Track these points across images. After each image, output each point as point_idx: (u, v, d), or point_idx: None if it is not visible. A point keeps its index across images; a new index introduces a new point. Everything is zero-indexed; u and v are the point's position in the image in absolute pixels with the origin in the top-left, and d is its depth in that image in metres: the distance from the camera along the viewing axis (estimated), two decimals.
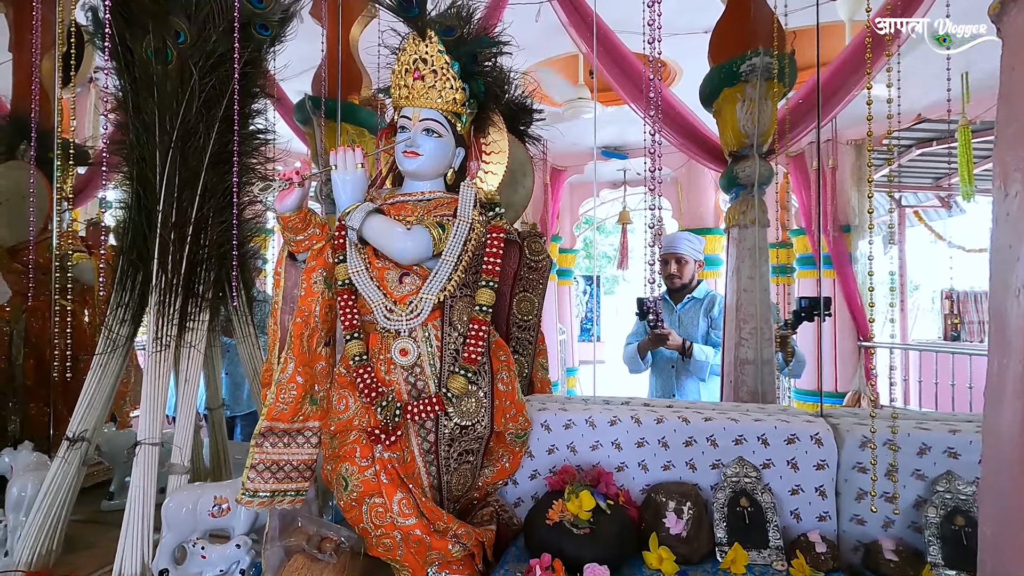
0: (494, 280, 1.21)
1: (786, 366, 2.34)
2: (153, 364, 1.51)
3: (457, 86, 1.22)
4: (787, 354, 2.30)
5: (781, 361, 2.33)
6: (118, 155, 1.69)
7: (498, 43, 1.29)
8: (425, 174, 1.26)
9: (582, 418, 1.34)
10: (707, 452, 1.26)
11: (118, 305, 1.59)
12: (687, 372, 2.61)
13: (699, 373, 2.57)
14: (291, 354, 1.23)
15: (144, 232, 1.60)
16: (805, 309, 2.12)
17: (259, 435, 1.22)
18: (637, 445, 1.30)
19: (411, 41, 1.21)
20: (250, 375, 1.81)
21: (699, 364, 2.55)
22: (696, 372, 2.57)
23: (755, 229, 2.07)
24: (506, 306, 1.40)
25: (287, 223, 1.23)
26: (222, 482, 1.47)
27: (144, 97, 1.58)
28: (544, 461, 1.36)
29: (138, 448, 1.45)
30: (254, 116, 1.78)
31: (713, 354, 2.54)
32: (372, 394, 1.15)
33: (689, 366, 2.58)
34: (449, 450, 1.19)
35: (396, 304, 1.15)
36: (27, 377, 2.06)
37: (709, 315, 2.66)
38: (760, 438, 1.24)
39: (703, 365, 2.54)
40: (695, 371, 2.57)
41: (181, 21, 1.58)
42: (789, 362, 2.32)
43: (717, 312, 2.63)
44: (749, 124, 2.06)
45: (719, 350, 2.55)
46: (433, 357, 1.17)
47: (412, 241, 1.14)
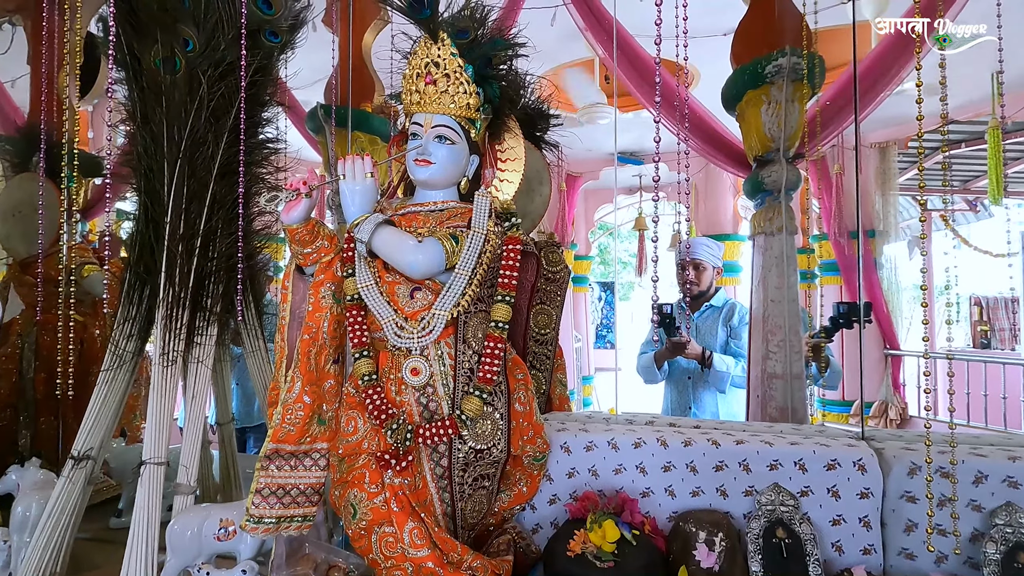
0: (511, 294, 1.14)
1: (820, 377, 2.21)
2: (160, 380, 1.47)
3: (471, 91, 1.16)
4: (821, 364, 2.17)
5: (815, 372, 2.20)
6: (127, 166, 1.67)
7: (514, 45, 1.23)
8: (437, 183, 1.20)
9: (604, 440, 1.26)
10: (739, 477, 1.18)
11: (125, 319, 1.55)
12: (705, 383, 2.50)
13: (718, 384, 2.46)
14: (298, 372, 1.17)
15: (152, 245, 1.56)
16: (843, 315, 1.98)
17: (264, 458, 1.17)
18: (663, 469, 1.22)
19: (423, 44, 1.16)
20: (260, 389, 1.76)
21: (719, 375, 2.43)
22: (715, 383, 2.46)
23: (783, 237, 1.98)
24: (523, 321, 1.33)
25: (294, 235, 1.18)
26: (228, 504, 1.42)
27: (152, 107, 1.55)
28: (564, 485, 1.28)
29: (143, 467, 1.41)
30: (264, 125, 1.74)
31: (734, 364, 2.44)
32: (382, 416, 1.08)
33: (707, 377, 2.46)
34: (463, 475, 1.12)
35: (407, 321, 1.09)
36: (38, 391, 2.03)
37: (728, 324, 2.55)
38: (797, 463, 1.15)
39: (723, 376, 2.43)
40: (714, 382, 2.46)
41: (190, 29, 1.55)
42: (824, 372, 2.20)
43: (737, 321, 2.53)
44: (775, 127, 1.97)
45: (740, 361, 2.45)
46: (446, 377, 1.11)
47: (423, 254, 1.08)
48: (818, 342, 2.13)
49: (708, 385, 2.50)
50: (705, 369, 2.45)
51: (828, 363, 2.19)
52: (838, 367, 2.32)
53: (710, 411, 2.52)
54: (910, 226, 8.35)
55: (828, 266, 5.45)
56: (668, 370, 2.58)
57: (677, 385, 2.59)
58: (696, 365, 2.49)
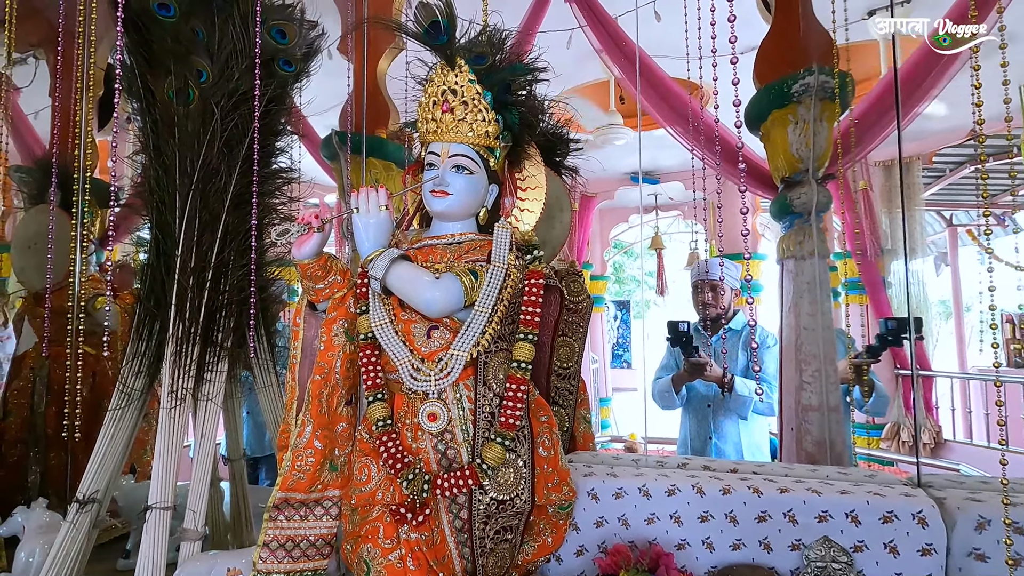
0: (533, 332, 1.07)
1: (864, 403, 2.04)
2: (167, 420, 1.41)
3: (490, 118, 1.11)
4: (864, 388, 2.02)
5: (857, 397, 2.04)
6: (139, 198, 1.64)
7: (534, 70, 1.18)
8: (455, 215, 1.14)
9: (635, 486, 1.17)
10: (784, 530, 1.08)
11: (134, 356, 1.51)
12: (726, 411, 2.35)
13: (740, 410, 2.32)
14: (308, 415, 1.11)
15: (162, 278, 1.53)
16: (892, 332, 1.84)
17: (273, 507, 1.10)
18: (700, 519, 1.13)
19: (439, 71, 1.11)
20: (271, 425, 1.70)
21: (741, 400, 2.29)
22: (737, 409, 2.32)
23: (815, 261, 1.88)
24: (546, 358, 1.26)
25: (306, 271, 1.12)
26: (237, 551, 1.35)
27: (164, 139, 1.53)
28: (592, 535, 1.19)
29: (148, 513, 1.35)
30: (277, 154, 1.71)
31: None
32: (397, 465, 1.01)
33: (728, 403, 2.31)
34: (484, 528, 1.04)
35: (424, 362, 1.02)
36: (48, 426, 1.99)
37: (748, 348, 2.41)
38: (849, 515, 1.05)
39: (745, 401, 2.29)
40: (736, 407, 2.31)
41: (203, 60, 1.53)
42: (868, 397, 2.03)
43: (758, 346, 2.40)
44: (803, 148, 1.90)
45: (764, 385, 2.32)
46: (465, 422, 1.04)
47: (441, 291, 1.01)
48: (862, 363, 1.97)
49: (729, 412, 2.36)
50: (726, 394, 2.30)
51: (872, 387, 2.03)
52: (884, 391, 2.14)
53: (732, 441, 2.38)
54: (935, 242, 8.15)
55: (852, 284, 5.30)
56: (687, 396, 2.44)
57: (696, 414, 2.44)
58: (716, 391, 2.34)
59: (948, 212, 7.71)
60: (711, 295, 2.47)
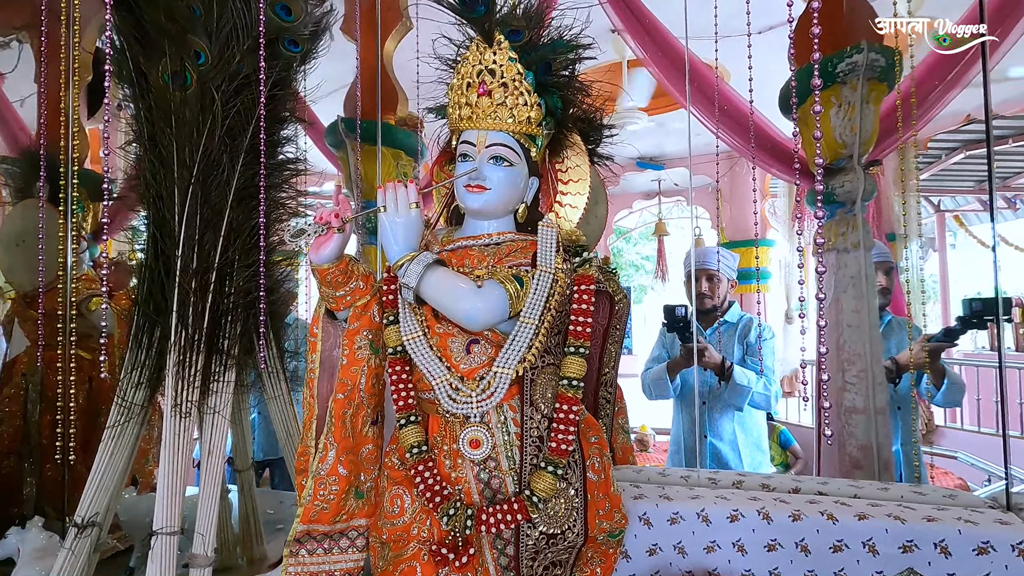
0: (584, 345, 0.95)
1: (937, 391, 1.84)
2: (171, 436, 1.30)
3: (532, 101, 0.97)
4: (936, 376, 1.82)
5: (925, 386, 1.86)
6: (133, 192, 1.51)
7: (578, 47, 1.04)
8: (493, 212, 1.01)
9: (692, 511, 1.06)
10: (864, 561, 0.97)
11: (133, 367, 1.38)
12: (721, 407, 2.22)
13: (737, 401, 2.17)
14: (331, 439, 0.99)
15: (161, 281, 1.40)
16: (976, 313, 1.64)
17: (294, 541, 0.99)
18: (767, 548, 1.02)
19: (475, 49, 0.98)
20: (282, 438, 1.58)
21: (739, 390, 2.14)
22: (734, 399, 2.17)
23: (859, 254, 1.76)
24: (594, 372, 1.14)
25: (325, 276, 1.00)
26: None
27: (160, 127, 1.39)
28: (644, 564, 1.08)
29: (154, 539, 1.23)
30: (283, 144, 1.58)
31: (755, 380, 2.16)
32: (436, 499, 0.90)
33: (724, 393, 2.17)
34: (533, 565, 0.93)
35: (463, 381, 0.90)
36: (43, 435, 1.88)
37: (745, 341, 2.27)
38: (938, 545, 0.94)
39: (744, 391, 2.14)
40: (733, 398, 2.17)
41: (201, 40, 1.39)
42: (940, 386, 1.82)
43: (754, 338, 2.25)
44: (847, 132, 1.77)
45: (761, 378, 2.19)
46: (511, 448, 0.92)
47: (483, 301, 0.89)
48: (939, 346, 1.77)
49: (725, 408, 2.22)
50: (723, 383, 2.17)
51: (944, 373, 1.84)
52: (959, 379, 1.92)
53: (728, 439, 2.26)
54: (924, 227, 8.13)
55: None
56: (680, 390, 2.28)
57: (689, 409, 2.27)
58: (710, 386, 2.20)
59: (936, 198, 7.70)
60: (707, 285, 2.31)
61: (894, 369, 1.89)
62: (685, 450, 2.28)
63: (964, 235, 8.77)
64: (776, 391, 2.25)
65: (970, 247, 8.62)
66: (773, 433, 4.10)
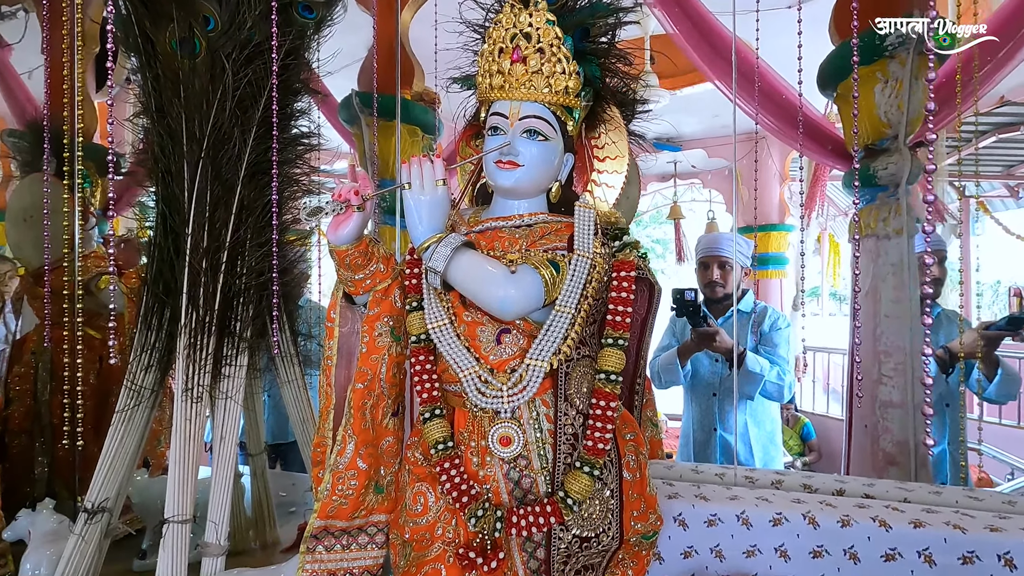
0: (623, 336, 0.88)
1: (988, 383, 1.74)
2: (183, 421, 1.25)
3: (571, 70, 0.89)
4: (990, 366, 1.71)
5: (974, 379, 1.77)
6: (142, 167, 1.45)
7: (620, 10, 0.95)
8: (526, 190, 0.93)
9: (731, 513, 1.00)
10: (919, 572, 0.91)
11: (142, 349, 1.33)
12: (731, 398, 2.11)
13: (749, 389, 2.08)
14: (351, 431, 0.93)
15: (171, 260, 1.34)
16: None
17: (311, 538, 0.94)
18: (812, 555, 0.96)
19: (508, 10, 0.89)
20: (296, 423, 1.54)
21: (752, 377, 2.05)
22: (746, 387, 2.08)
23: (901, 240, 1.67)
24: (631, 366, 1.07)
25: (344, 258, 0.93)
26: (263, 569, 1.20)
27: (169, 98, 1.32)
28: (678, 567, 1.03)
29: (165, 527, 1.19)
30: (297, 117, 1.50)
31: (768, 368, 2.07)
32: (463, 499, 0.84)
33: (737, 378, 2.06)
34: (564, 569, 0.87)
35: (493, 373, 0.84)
36: (54, 415, 1.85)
37: (758, 331, 2.17)
38: (1002, 557, 0.88)
39: (756, 379, 2.05)
40: (744, 385, 2.07)
41: (210, 4, 1.31)
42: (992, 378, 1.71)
43: (768, 327, 2.16)
44: (894, 110, 1.66)
45: (775, 367, 2.09)
46: (543, 445, 0.86)
47: (517, 288, 0.82)
48: (999, 335, 1.67)
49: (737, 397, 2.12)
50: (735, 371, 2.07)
51: (999, 364, 1.74)
52: (1014, 370, 1.81)
53: (739, 433, 2.15)
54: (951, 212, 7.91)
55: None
56: (691, 378, 2.20)
57: (701, 402, 2.21)
58: (721, 376, 2.12)
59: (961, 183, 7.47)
60: (719, 273, 2.19)
61: (947, 358, 1.79)
62: (694, 443, 2.21)
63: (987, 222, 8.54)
64: (790, 381, 2.16)
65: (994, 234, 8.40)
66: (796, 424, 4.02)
